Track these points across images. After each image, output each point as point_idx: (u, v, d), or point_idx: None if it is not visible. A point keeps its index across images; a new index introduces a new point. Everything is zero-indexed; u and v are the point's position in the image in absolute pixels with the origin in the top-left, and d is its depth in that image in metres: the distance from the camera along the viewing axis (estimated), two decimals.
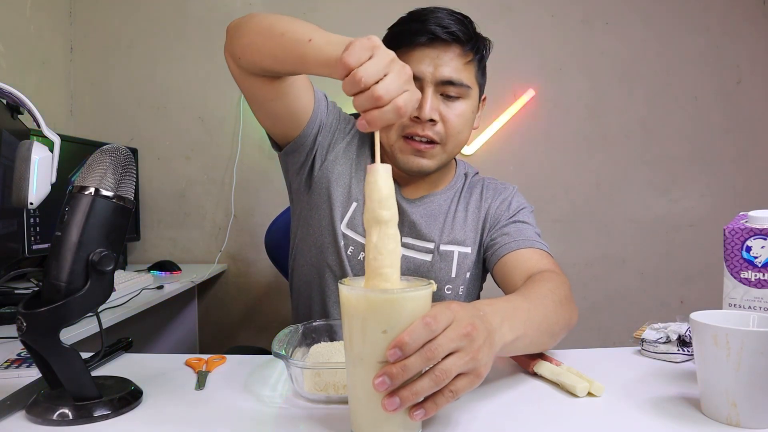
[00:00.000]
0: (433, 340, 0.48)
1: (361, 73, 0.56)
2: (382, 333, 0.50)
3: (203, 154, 2.26)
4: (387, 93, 0.56)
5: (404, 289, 0.52)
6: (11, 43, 1.83)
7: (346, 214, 0.99)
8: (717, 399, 0.58)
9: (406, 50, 0.93)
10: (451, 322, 0.50)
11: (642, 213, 2.35)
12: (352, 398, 0.55)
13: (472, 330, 0.51)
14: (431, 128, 0.92)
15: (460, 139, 0.96)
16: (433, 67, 0.91)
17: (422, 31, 0.91)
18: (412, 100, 0.59)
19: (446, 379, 0.48)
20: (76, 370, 0.60)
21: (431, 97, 0.91)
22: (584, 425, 0.60)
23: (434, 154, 0.95)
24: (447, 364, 0.48)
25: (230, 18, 0.89)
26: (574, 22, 2.31)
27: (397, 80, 0.57)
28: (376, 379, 0.47)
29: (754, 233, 0.72)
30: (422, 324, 0.48)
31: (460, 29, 0.92)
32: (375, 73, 0.56)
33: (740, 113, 2.37)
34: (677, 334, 0.82)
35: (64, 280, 0.58)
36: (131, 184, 0.63)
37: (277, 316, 2.26)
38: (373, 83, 0.56)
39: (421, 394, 0.48)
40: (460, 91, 0.93)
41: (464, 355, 0.50)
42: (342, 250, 0.98)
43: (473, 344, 0.51)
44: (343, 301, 0.54)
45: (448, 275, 1.00)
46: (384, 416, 0.52)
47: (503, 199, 1.05)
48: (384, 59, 0.58)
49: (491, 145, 2.29)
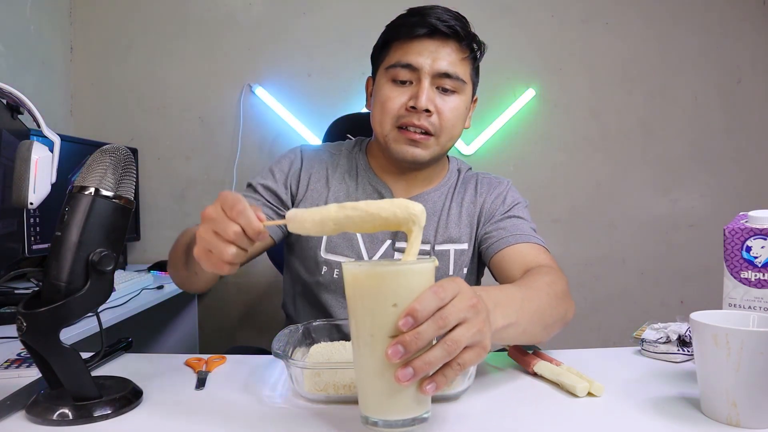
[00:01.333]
0: (443, 308, 0.49)
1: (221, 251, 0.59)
2: (392, 306, 0.51)
3: (203, 154, 2.26)
4: (229, 232, 0.58)
5: (411, 261, 0.54)
6: (11, 43, 1.83)
7: (323, 239, 1.00)
8: (717, 399, 0.58)
9: (405, 41, 0.94)
10: (457, 294, 0.51)
11: (642, 213, 2.35)
12: (362, 380, 0.54)
13: (478, 302, 0.52)
14: (426, 119, 0.93)
15: (453, 133, 0.98)
16: (431, 60, 0.93)
17: (422, 24, 0.93)
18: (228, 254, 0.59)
19: (457, 349, 0.49)
20: (76, 370, 0.60)
21: (428, 88, 0.93)
22: (584, 425, 0.60)
23: (428, 145, 0.96)
24: (456, 334, 0.49)
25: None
26: (574, 22, 2.31)
27: (221, 224, 0.59)
28: (390, 348, 0.48)
29: (754, 233, 0.72)
30: (431, 293, 0.49)
31: (458, 25, 0.94)
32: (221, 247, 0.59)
33: (740, 113, 2.37)
34: (677, 334, 0.82)
35: (64, 280, 0.58)
36: (131, 184, 0.63)
37: (277, 316, 2.25)
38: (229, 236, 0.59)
39: (434, 364, 0.48)
40: (456, 85, 0.95)
41: (471, 327, 0.50)
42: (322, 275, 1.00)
43: (479, 316, 0.51)
44: (350, 280, 0.54)
45: (445, 274, 1.01)
46: (394, 393, 0.52)
47: (498, 193, 1.06)
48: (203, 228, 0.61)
49: (491, 145, 2.29)
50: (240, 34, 2.22)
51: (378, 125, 0.97)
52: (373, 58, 1.02)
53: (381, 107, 0.96)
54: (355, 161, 1.06)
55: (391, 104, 0.94)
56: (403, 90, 0.94)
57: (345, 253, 0.99)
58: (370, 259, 0.99)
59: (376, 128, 0.98)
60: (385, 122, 0.96)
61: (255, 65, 2.22)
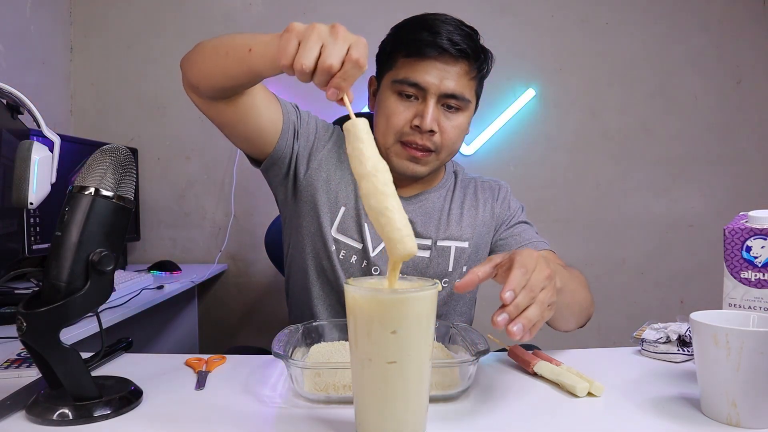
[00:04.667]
0: (529, 282, 0.59)
1: (300, 62, 0.60)
2: (391, 333, 0.51)
3: (203, 154, 2.26)
4: (334, 59, 0.59)
5: (412, 290, 0.53)
6: (11, 43, 1.83)
7: (336, 219, 1.00)
8: (717, 399, 0.58)
9: (415, 60, 0.93)
10: (535, 267, 0.61)
11: (642, 213, 2.35)
12: (359, 398, 0.55)
13: (551, 273, 0.62)
14: (429, 138, 0.95)
15: (453, 149, 1.00)
16: (439, 80, 0.93)
17: (433, 45, 0.91)
18: (360, 48, 0.61)
19: (543, 308, 0.60)
20: (76, 370, 0.60)
21: (432, 108, 0.93)
22: (584, 425, 0.60)
23: (428, 162, 0.98)
24: (542, 297, 0.60)
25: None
26: (574, 22, 2.31)
27: (335, 44, 0.61)
28: (498, 317, 0.57)
29: (754, 233, 0.72)
30: (520, 273, 0.59)
31: (469, 45, 0.93)
32: (311, 54, 0.60)
33: (740, 113, 2.36)
34: (677, 334, 0.82)
35: (64, 280, 0.58)
36: (131, 184, 0.63)
37: (277, 316, 2.26)
38: (315, 62, 0.60)
39: (532, 320, 0.59)
40: (461, 104, 0.96)
41: (549, 291, 0.61)
42: (334, 255, 1.00)
43: (552, 282, 0.62)
44: (350, 302, 0.54)
45: (445, 269, 1.03)
46: (390, 416, 0.52)
47: (503, 198, 1.10)
48: (312, 37, 0.61)
49: (491, 145, 2.29)
50: None
51: (381, 136, 0.98)
52: (378, 61, 1.02)
53: (386, 120, 0.96)
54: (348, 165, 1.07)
55: (395, 120, 0.95)
56: (408, 105, 0.95)
57: (354, 237, 1.00)
58: (373, 251, 0.99)
59: (378, 138, 0.98)
60: (389, 135, 0.97)
61: None
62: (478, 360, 0.67)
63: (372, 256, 1.00)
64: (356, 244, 1.00)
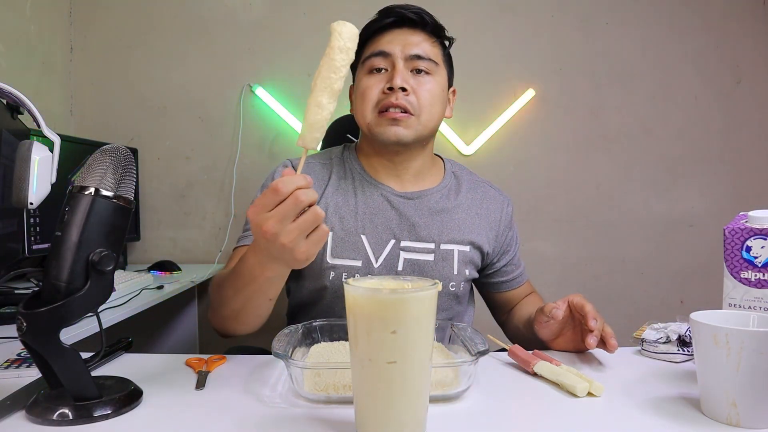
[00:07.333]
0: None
1: (269, 234, 0.62)
2: (391, 333, 0.51)
3: (203, 154, 2.26)
4: (282, 227, 0.62)
5: (412, 290, 0.53)
6: (11, 43, 1.83)
7: (327, 246, 1.00)
8: (717, 399, 0.58)
9: (377, 37, 1.01)
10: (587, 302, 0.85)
11: (642, 213, 2.35)
12: (359, 398, 0.55)
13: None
14: (404, 97, 0.97)
15: (432, 113, 1.00)
16: (402, 45, 0.99)
17: (390, 14, 1.01)
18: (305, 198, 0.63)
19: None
20: (76, 370, 0.60)
21: (402, 69, 0.97)
22: (584, 425, 0.60)
23: (410, 124, 0.98)
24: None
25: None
26: (574, 22, 2.31)
27: (279, 214, 0.62)
28: (591, 339, 0.79)
29: (754, 233, 0.72)
30: (591, 307, 0.86)
31: (425, 14, 1.01)
32: (274, 225, 0.62)
33: (740, 113, 2.36)
34: (677, 334, 0.82)
35: (64, 280, 0.58)
36: (131, 184, 0.63)
37: (277, 316, 2.25)
38: (276, 230, 0.62)
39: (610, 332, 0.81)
40: (429, 66, 0.99)
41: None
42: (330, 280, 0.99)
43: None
44: (350, 302, 0.54)
45: (451, 272, 1.03)
46: (390, 416, 0.52)
47: (508, 213, 1.13)
48: (267, 217, 0.63)
49: (491, 145, 2.29)
50: (240, 34, 2.22)
51: (361, 116, 1.00)
52: (353, 67, 1.05)
53: (361, 97, 1.00)
54: (348, 165, 1.07)
55: (370, 92, 0.98)
56: (379, 77, 0.99)
57: (351, 256, 0.99)
58: (377, 260, 0.99)
59: (359, 120, 1.02)
60: (367, 110, 0.99)
61: (255, 65, 2.22)
62: (478, 360, 0.67)
63: (376, 267, 0.99)
64: (355, 262, 0.99)
